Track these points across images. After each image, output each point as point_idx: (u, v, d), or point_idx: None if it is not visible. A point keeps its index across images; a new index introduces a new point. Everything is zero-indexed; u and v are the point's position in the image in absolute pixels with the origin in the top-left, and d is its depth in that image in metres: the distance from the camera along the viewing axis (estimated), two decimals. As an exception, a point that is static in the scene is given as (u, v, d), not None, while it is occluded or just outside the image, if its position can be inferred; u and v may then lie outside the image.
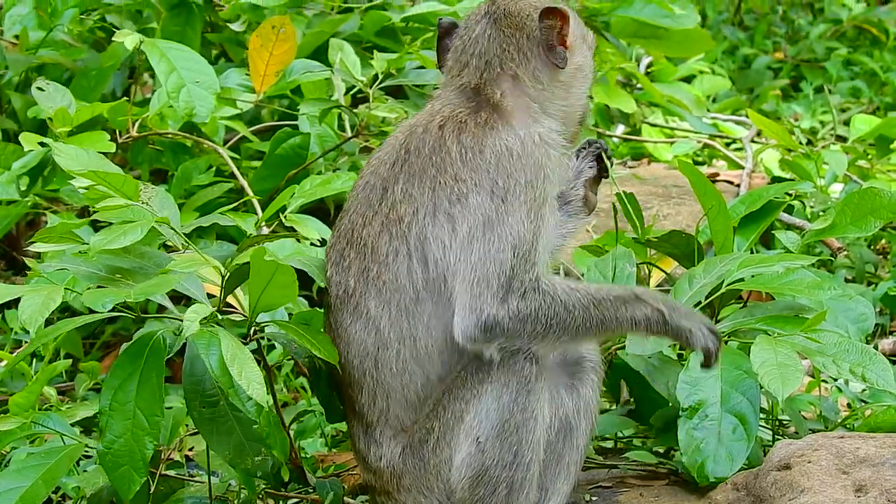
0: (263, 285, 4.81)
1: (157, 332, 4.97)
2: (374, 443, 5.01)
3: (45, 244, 5.17)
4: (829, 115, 12.27)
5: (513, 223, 4.81)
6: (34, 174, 6.53)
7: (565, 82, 5.11)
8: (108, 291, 4.79)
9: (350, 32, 8.36)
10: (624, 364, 5.86)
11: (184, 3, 8.39)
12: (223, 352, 4.73)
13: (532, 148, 4.90)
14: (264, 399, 4.75)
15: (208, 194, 7.62)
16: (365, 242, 4.95)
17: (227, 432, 5.09)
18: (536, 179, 4.86)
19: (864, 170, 9.14)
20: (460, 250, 4.83)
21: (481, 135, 4.91)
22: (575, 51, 5.11)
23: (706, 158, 10.54)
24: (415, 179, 4.92)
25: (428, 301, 4.88)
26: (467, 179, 4.86)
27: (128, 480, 4.91)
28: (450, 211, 4.85)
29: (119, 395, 4.91)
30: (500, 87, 5.03)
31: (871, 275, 8.35)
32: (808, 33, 14.31)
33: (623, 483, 5.66)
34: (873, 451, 5.16)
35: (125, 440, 4.90)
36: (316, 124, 7.62)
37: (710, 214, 6.04)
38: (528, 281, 4.81)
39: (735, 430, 5.34)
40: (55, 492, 6.07)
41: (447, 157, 4.90)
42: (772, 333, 5.44)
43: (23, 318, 4.80)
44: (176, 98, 7.00)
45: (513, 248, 4.79)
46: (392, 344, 4.91)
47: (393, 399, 4.95)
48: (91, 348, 7.47)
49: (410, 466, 4.95)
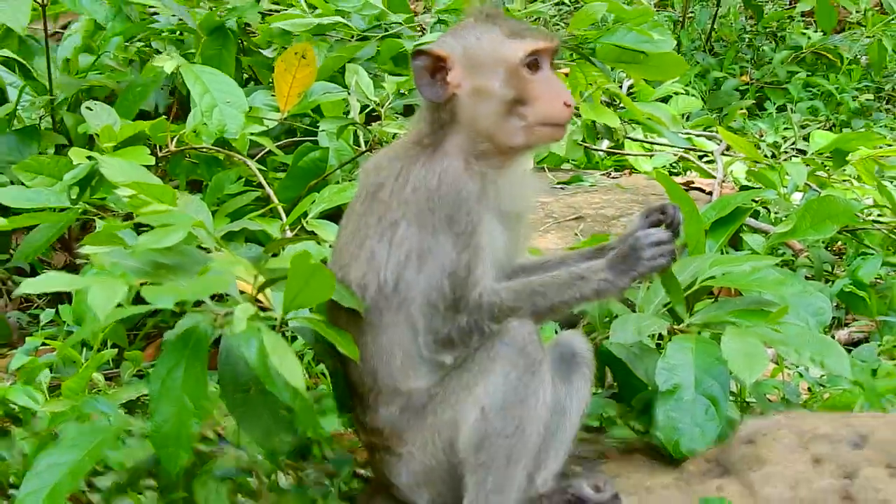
0: (301, 286, 4.80)
1: (199, 325, 4.97)
2: (369, 409, 5.02)
3: (93, 246, 5.18)
4: (790, 131, 12.27)
5: (443, 255, 4.81)
6: (83, 184, 6.53)
7: (464, 111, 4.93)
8: (167, 289, 4.79)
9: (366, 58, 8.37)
10: (608, 352, 5.87)
11: (221, 28, 8.40)
12: (265, 344, 4.73)
13: (449, 183, 4.81)
14: (303, 387, 4.76)
15: (238, 202, 7.62)
16: (341, 246, 5.02)
17: (257, 416, 5.08)
18: (457, 213, 4.79)
19: (822, 179, 9.13)
20: (401, 272, 4.84)
21: (406, 170, 4.88)
22: (466, 80, 4.92)
23: (681, 170, 10.54)
24: (368, 200, 4.94)
25: (387, 304, 4.90)
26: (395, 209, 4.85)
27: (175, 458, 4.91)
28: (388, 235, 4.86)
29: (167, 381, 4.91)
30: (423, 123, 5.00)
31: (829, 273, 8.34)
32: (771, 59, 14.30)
33: (605, 456, 5.65)
34: (830, 429, 5.16)
35: (172, 422, 4.91)
36: (334, 139, 7.62)
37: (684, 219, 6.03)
38: (472, 300, 4.83)
39: (707, 410, 5.34)
40: (99, 464, 6.08)
41: (384, 184, 4.90)
42: (740, 325, 5.45)
43: (93, 304, 4.78)
44: (209, 116, 7.02)
45: (449, 276, 4.80)
46: (366, 335, 4.94)
47: (378, 376, 4.97)
48: (134, 339, 7.47)
49: (411, 424, 4.96)
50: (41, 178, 6.64)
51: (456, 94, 4.93)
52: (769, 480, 4.90)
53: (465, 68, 4.93)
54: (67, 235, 8.19)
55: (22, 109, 8.24)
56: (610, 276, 4.92)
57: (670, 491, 5.16)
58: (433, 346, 4.90)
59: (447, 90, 4.92)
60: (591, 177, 9.55)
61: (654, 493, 5.17)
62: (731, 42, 14.74)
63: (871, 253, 8.20)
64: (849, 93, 13.42)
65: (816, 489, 4.79)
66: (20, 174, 6.64)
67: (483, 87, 4.92)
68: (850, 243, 8.50)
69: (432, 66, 4.93)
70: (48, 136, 8.17)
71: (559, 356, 5.19)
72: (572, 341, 5.26)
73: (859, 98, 13.45)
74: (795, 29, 14.75)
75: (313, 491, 5.54)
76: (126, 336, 7.18)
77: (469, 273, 4.81)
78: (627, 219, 8.53)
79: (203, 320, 5.00)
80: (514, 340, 4.79)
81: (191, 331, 4.97)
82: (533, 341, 4.80)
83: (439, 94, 4.92)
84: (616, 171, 10.23)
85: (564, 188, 9.15)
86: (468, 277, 4.81)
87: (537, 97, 4.93)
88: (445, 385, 4.90)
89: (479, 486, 4.82)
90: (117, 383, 6.84)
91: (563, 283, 4.91)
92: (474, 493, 4.83)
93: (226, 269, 4.90)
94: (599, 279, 4.91)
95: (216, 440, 6.04)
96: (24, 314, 7.95)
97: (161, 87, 8.40)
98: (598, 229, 8.28)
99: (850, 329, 7.65)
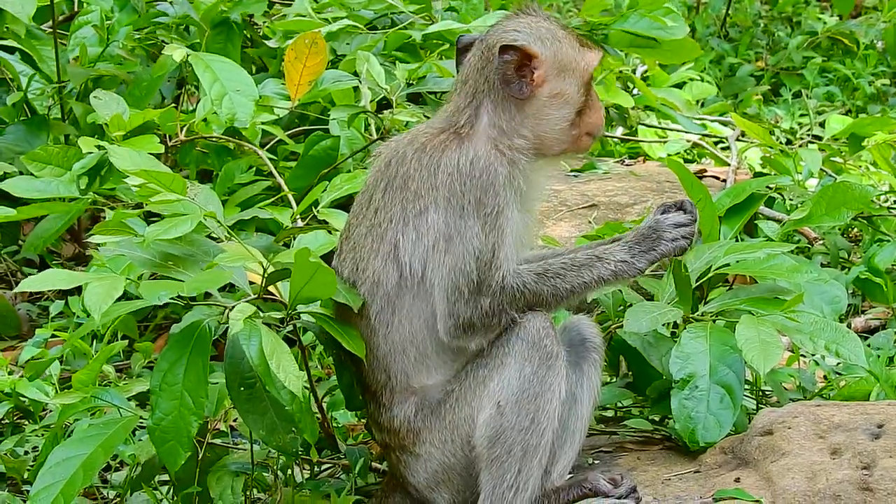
0: (304, 281, 4.80)
1: (203, 321, 4.96)
2: (383, 407, 5.02)
3: (102, 236, 5.17)
4: (806, 118, 12.23)
5: (470, 237, 4.83)
6: (92, 174, 6.51)
7: (536, 112, 4.98)
8: (162, 284, 4.78)
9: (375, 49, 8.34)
10: (622, 341, 5.86)
11: (225, 21, 8.40)
12: (263, 346, 4.73)
13: (480, 168, 4.84)
14: (299, 390, 4.76)
15: (249, 191, 7.62)
16: (356, 241, 5.01)
17: (262, 412, 5.07)
18: (486, 196, 4.83)
19: (838, 165, 9.09)
20: (428, 258, 4.87)
21: (437, 156, 4.89)
22: (549, 81, 4.98)
23: (695, 157, 10.50)
24: (389, 191, 4.95)
25: (406, 296, 4.92)
26: (425, 196, 4.88)
27: (174, 454, 4.92)
28: (415, 223, 4.89)
29: (168, 377, 4.91)
30: (468, 113, 4.99)
31: (845, 260, 8.30)
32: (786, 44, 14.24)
33: (622, 448, 5.65)
34: (847, 417, 5.15)
35: (172, 418, 4.90)
36: (345, 128, 7.59)
37: (698, 206, 6.01)
38: (495, 283, 4.85)
39: (722, 399, 5.33)
40: (112, 458, 6.08)
41: (411, 174, 4.91)
42: (755, 313, 5.44)
43: (88, 305, 4.79)
44: (219, 105, 7.00)
45: (475, 259, 4.83)
46: (379, 330, 4.95)
47: (391, 373, 4.98)
48: (145, 330, 7.47)
49: (427, 423, 4.96)
50: (50, 168, 6.62)
51: (535, 92, 4.96)
52: (787, 472, 4.88)
53: (551, 69, 4.98)
54: (77, 226, 8.19)
55: (32, 97, 8.23)
56: (628, 256, 4.95)
57: (688, 483, 5.15)
58: (454, 331, 4.89)
59: (531, 88, 4.95)
60: (604, 164, 9.51)
61: (671, 485, 5.16)
62: (746, 27, 14.67)
63: (888, 239, 8.15)
64: (865, 78, 13.36)
65: (834, 480, 4.77)
66: (28, 164, 6.63)
67: (563, 91, 5.00)
68: (865, 230, 8.45)
69: (519, 62, 4.94)
70: (57, 125, 8.17)
71: (568, 342, 5.18)
72: (581, 327, 5.25)
73: (875, 83, 13.38)
74: (811, 14, 14.68)
75: (328, 485, 5.53)
76: (136, 327, 7.17)
77: (494, 255, 4.83)
78: (641, 206, 8.49)
79: (209, 315, 4.99)
80: (528, 334, 4.80)
81: (194, 326, 4.96)
82: (549, 335, 4.80)
83: (524, 90, 4.94)
84: (630, 159, 10.19)
85: (578, 176, 9.11)
86: (493, 260, 4.83)
87: (589, 107, 5.06)
88: (461, 381, 4.90)
89: (496, 481, 4.81)
90: (128, 375, 6.85)
91: (581, 265, 4.93)
92: (490, 488, 4.82)
93: (234, 261, 4.89)
94: (617, 260, 4.95)
95: (229, 434, 6.05)
96: (33, 306, 7.96)
97: (168, 79, 8.39)
98: (612, 217, 8.25)
99: (867, 316, 7.62)
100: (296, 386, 4.72)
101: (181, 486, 5.36)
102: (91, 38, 8.35)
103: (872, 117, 10.02)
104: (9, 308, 7.70)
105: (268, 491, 5.57)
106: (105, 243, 5.14)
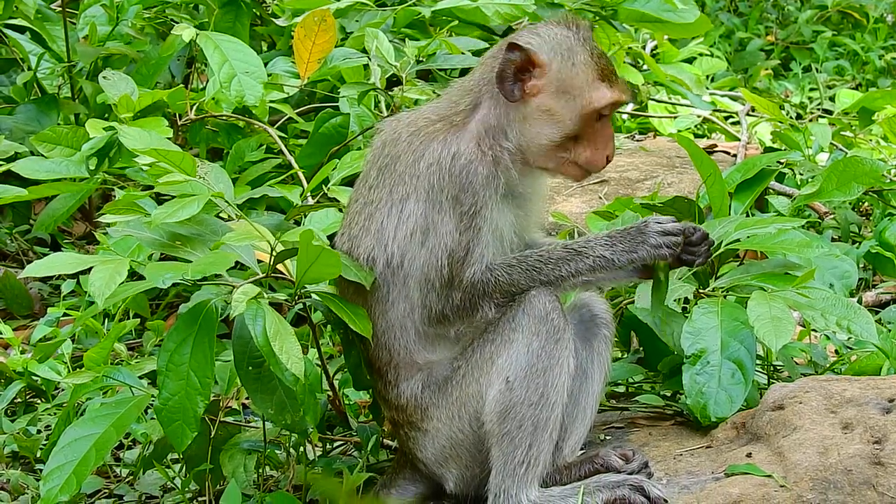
0: (310, 263, 4.79)
1: (209, 301, 4.95)
2: (390, 384, 5.01)
3: (113, 215, 5.17)
4: (816, 92, 12.20)
5: (444, 234, 4.82)
6: (102, 154, 6.51)
7: (523, 119, 4.91)
8: (167, 266, 4.77)
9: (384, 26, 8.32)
10: (633, 317, 5.85)
11: (234, 1, 8.39)
12: (266, 328, 4.72)
13: (460, 166, 4.81)
14: (302, 372, 4.75)
15: (259, 169, 7.61)
16: (353, 217, 5.01)
17: (270, 391, 5.06)
18: (463, 194, 4.80)
19: (849, 139, 9.07)
20: (406, 248, 4.86)
21: (425, 144, 4.88)
22: (543, 95, 4.90)
23: (706, 132, 10.49)
24: (382, 172, 4.94)
25: (391, 278, 4.91)
26: (408, 182, 4.87)
27: (181, 434, 4.91)
28: (398, 207, 4.88)
29: (175, 357, 4.91)
30: (469, 100, 4.96)
31: (856, 234, 8.29)
32: (796, 18, 14.21)
33: (634, 424, 5.64)
34: (858, 392, 5.13)
35: (179, 398, 4.90)
36: (355, 105, 7.57)
37: (708, 182, 6.01)
38: (466, 279, 4.83)
39: (734, 375, 5.31)
40: (125, 437, 6.08)
41: (400, 156, 4.90)
42: (766, 289, 5.42)
43: (92, 289, 4.79)
44: (228, 87, 7.01)
45: (447, 256, 4.82)
46: (375, 308, 4.95)
47: (392, 350, 4.97)
48: (157, 308, 7.47)
49: (434, 399, 4.95)
50: (59, 148, 6.63)
51: (527, 100, 4.90)
52: (799, 446, 4.87)
53: (550, 84, 4.90)
54: (88, 205, 8.19)
55: (42, 77, 8.23)
56: (607, 252, 4.89)
57: (699, 458, 5.14)
58: (428, 320, 4.90)
59: (523, 94, 4.90)
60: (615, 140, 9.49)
61: (683, 460, 5.15)
62: (756, 2, 14.64)
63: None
64: (875, 52, 13.33)
65: (846, 455, 4.75)
66: (38, 145, 6.63)
67: (555, 111, 4.91)
68: (876, 204, 8.43)
69: (521, 65, 4.89)
70: (67, 104, 8.17)
71: (578, 319, 5.16)
72: (592, 303, 5.23)
73: (885, 57, 13.36)
74: (821, -12, 14.65)
75: (340, 462, 5.53)
76: (148, 305, 7.18)
77: (467, 254, 4.82)
78: (652, 182, 8.48)
79: (217, 294, 4.99)
80: (535, 310, 4.78)
81: (201, 306, 4.95)
82: (555, 309, 4.78)
83: (514, 93, 4.89)
84: (640, 134, 10.18)
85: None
86: (465, 258, 4.82)
87: (590, 142, 4.97)
88: (468, 357, 4.89)
89: (507, 457, 4.80)
90: (140, 353, 6.85)
91: (559, 258, 4.88)
92: (501, 463, 4.81)
93: (242, 240, 4.88)
94: (596, 255, 4.89)
95: (241, 412, 6.05)
96: (45, 285, 7.97)
97: (178, 58, 8.38)
98: (623, 192, 8.24)
99: (878, 290, 7.60)
100: (297, 368, 4.71)
101: (193, 464, 5.37)
102: (100, 17, 8.35)
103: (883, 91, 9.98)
104: (21, 287, 7.71)
105: (280, 468, 5.57)
106: (115, 223, 5.13)
